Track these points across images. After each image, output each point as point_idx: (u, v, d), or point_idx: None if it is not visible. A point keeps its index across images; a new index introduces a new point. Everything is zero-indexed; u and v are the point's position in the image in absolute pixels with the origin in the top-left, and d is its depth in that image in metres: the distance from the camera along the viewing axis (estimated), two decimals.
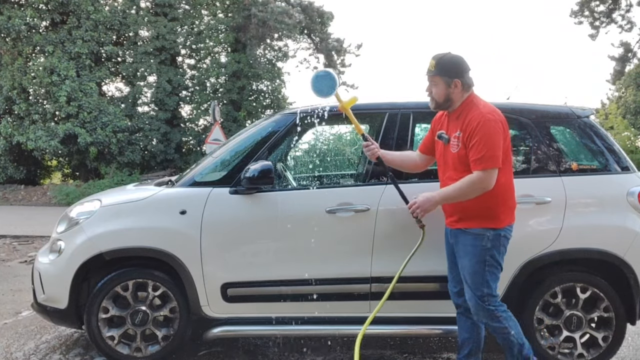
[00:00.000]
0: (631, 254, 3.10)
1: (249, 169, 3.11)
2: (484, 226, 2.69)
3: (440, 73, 2.72)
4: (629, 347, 3.73)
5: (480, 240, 2.69)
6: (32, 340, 3.86)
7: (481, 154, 2.58)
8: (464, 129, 2.66)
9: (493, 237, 2.69)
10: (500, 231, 2.70)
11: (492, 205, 2.70)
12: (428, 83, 2.80)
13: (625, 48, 22.68)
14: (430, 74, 2.75)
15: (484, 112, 2.63)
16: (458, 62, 2.74)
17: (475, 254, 2.70)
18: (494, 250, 2.70)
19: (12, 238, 8.76)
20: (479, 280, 2.71)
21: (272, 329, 3.29)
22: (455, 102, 2.75)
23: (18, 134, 15.46)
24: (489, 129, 2.59)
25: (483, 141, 2.58)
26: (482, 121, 2.60)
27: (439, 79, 2.73)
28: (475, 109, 2.67)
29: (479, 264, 2.70)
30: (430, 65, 2.75)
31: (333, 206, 3.16)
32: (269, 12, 17.00)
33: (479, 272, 2.70)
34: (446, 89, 2.72)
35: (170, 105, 17.12)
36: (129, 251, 3.24)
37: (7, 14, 15.07)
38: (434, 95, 2.78)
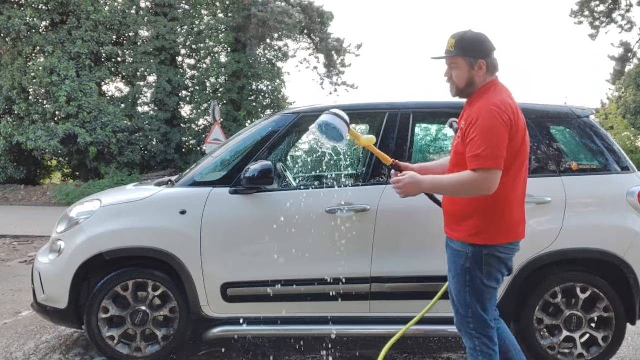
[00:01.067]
0: (631, 254, 3.10)
1: (249, 169, 3.11)
2: (466, 240, 2.33)
3: (462, 53, 2.31)
4: (629, 347, 3.73)
5: (459, 257, 2.36)
6: (32, 340, 3.86)
7: (478, 150, 2.17)
8: (467, 118, 2.30)
9: (473, 255, 2.31)
10: (485, 249, 2.29)
11: (479, 216, 2.30)
12: (447, 67, 2.41)
13: (625, 48, 22.68)
14: (450, 55, 2.34)
15: (491, 102, 2.23)
16: (482, 39, 2.33)
17: (457, 272, 2.39)
18: (476, 271, 2.32)
19: (12, 238, 8.76)
20: (462, 300, 2.40)
21: (272, 329, 3.28)
22: (477, 87, 2.35)
23: (18, 134, 15.46)
24: (490, 122, 2.18)
25: (482, 136, 2.17)
26: (485, 112, 2.20)
27: (461, 61, 2.32)
28: (486, 97, 2.28)
29: (460, 284, 2.38)
30: (448, 45, 2.35)
31: (333, 206, 3.16)
32: (269, 12, 17.01)
33: (461, 291, 2.39)
34: (469, 71, 2.32)
35: (170, 105, 17.13)
36: (129, 251, 3.24)
37: (7, 14, 15.07)
38: (455, 79, 2.36)
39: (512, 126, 2.21)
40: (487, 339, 2.39)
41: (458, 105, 3.46)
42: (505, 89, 2.35)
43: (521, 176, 2.34)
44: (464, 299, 2.37)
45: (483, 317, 2.38)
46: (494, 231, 2.29)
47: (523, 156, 2.31)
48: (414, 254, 3.16)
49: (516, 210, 2.35)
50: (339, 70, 21.84)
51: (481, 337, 2.38)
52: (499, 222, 2.30)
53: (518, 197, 2.36)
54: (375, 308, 3.21)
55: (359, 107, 3.67)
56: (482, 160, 2.16)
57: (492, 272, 2.33)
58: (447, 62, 2.39)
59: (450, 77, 2.39)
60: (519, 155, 2.28)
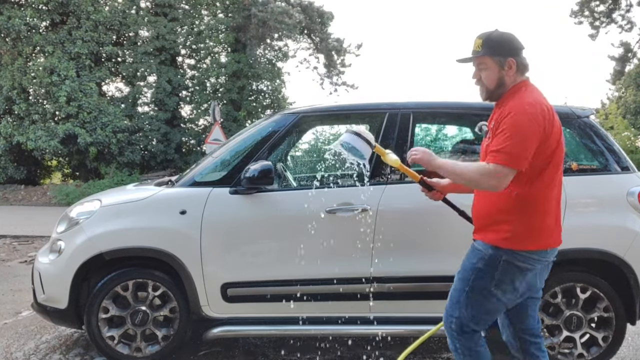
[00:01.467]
0: (631, 254, 3.10)
1: (249, 169, 3.10)
2: (488, 241, 2.20)
3: (489, 53, 2.21)
4: (629, 347, 3.73)
5: (475, 255, 2.23)
6: (32, 340, 3.86)
7: (500, 146, 2.07)
8: (497, 118, 2.18)
9: (490, 257, 2.17)
10: (506, 254, 2.15)
11: (511, 220, 2.16)
12: (474, 68, 2.30)
13: (625, 48, 22.69)
14: (478, 55, 2.24)
15: (525, 101, 2.12)
16: (510, 38, 2.24)
17: (464, 268, 2.26)
18: (486, 274, 2.17)
19: (12, 238, 8.76)
20: (455, 299, 2.26)
21: (272, 329, 3.29)
22: (507, 87, 2.23)
23: (18, 134, 15.46)
24: (522, 119, 2.07)
25: (508, 133, 2.06)
26: (518, 109, 2.09)
27: (490, 60, 2.22)
28: (518, 97, 2.17)
29: (462, 281, 2.25)
30: (475, 45, 2.26)
31: (333, 206, 3.16)
32: (269, 12, 17.01)
33: (458, 288, 2.25)
34: (499, 71, 2.22)
35: (170, 106, 17.13)
36: (129, 251, 3.24)
37: (7, 14, 15.08)
38: (485, 80, 2.25)
39: (545, 126, 2.10)
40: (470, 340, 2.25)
41: (458, 105, 3.48)
42: (536, 88, 2.25)
43: (556, 179, 2.21)
44: (458, 297, 2.24)
45: (468, 326, 2.23)
46: (520, 236, 2.15)
47: (558, 158, 2.19)
48: (414, 254, 3.16)
49: (550, 215, 2.20)
50: (339, 70, 21.84)
51: (461, 338, 2.25)
52: (529, 227, 2.15)
53: (552, 202, 2.22)
54: (375, 308, 3.21)
55: (359, 107, 3.67)
56: (501, 156, 2.06)
57: (503, 281, 2.16)
58: (475, 63, 2.28)
59: (479, 78, 2.28)
60: (553, 157, 2.16)
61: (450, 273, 2.44)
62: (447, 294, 2.35)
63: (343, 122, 5.64)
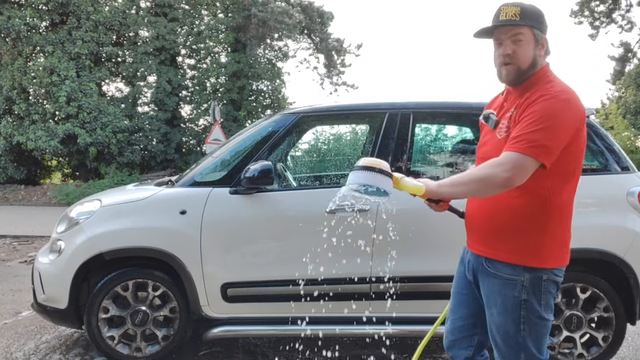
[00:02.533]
0: (631, 254, 3.10)
1: (249, 169, 3.10)
2: (519, 262, 1.82)
3: (529, 23, 1.81)
4: (629, 347, 3.73)
5: (511, 287, 1.83)
6: (32, 340, 3.86)
7: (523, 131, 1.72)
8: (522, 103, 1.82)
9: (530, 282, 1.82)
10: (543, 273, 1.82)
11: (538, 228, 1.81)
12: (500, 43, 1.87)
13: (625, 48, 22.69)
14: (514, 24, 1.81)
15: (557, 88, 1.78)
16: (543, 13, 1.87)
17: (506, 308, 1.86)
18: (534, 303, 1.83)
19: (12, 238, 8.76)
20: (512, 342, 1.87)
21: (272, 329, 3.29)
22: (536, 70, 1.86)
23: (18, 134, 15.46)
24: (553, 107, 1.72)
25: (535, 117, 1.72)
26: (548, 96, 1.75)
27: (529, 33, 1.83)
28: (547, 84, 1.82)
29: (510, 322, 1.86)
30: (511, 12, 1.82)
31: (333, 206, 3.15)
32: (269, 12, 17.01)
33: (511, 331, 1.86)
34: (534, 48, 1.84)
35: (170, 105, 17.12)
36: (129, 251, 3.24)
37: (7, 14, 15.08)
38: (519, 57, 1.83)
39: (582, 119, 1.78)
40: None
41: (458, 105, 3.48)
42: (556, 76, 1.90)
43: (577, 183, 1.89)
44: (516, 340, 1.86)
45: (542, 356, 1.89)
46: (555, 249, 1.84)
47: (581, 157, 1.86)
48: (414, 254, 3.17)
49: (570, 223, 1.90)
50: (339, 70, 21.83)
51: None
52: (561, 238, 1.85)
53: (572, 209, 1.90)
54: (375, 308, 3.21)
55: (359, 107, 3.67)
56: (523, 143, 1.70)
57: (549, 302, 1.87)
58: (507, 36, 1.84)
59: (509, 54, 1.84)
60: (582, 155, 1.85)
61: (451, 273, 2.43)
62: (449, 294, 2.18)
63: (343, 122, 5.66)
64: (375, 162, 1.87)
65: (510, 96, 1.94)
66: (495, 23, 1.86)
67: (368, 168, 1.86)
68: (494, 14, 1.89)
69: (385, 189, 1.85)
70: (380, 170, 1.85)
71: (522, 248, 1.82)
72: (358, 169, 1.88)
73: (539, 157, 1.70)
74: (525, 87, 1.87)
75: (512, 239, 1.84)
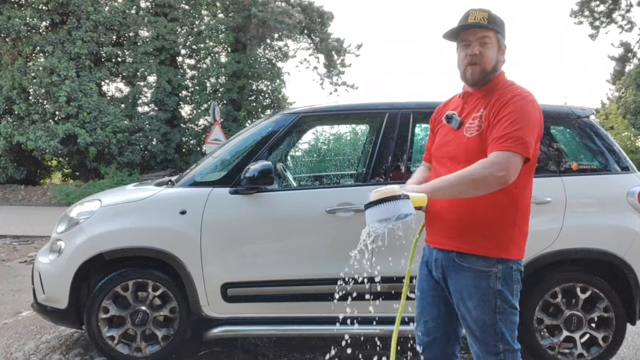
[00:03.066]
0: (631, 254, 3.10)
1: (249, 169, 3.10)
2: (494, 255, 1.90)
3: (495, 28, 1.94)
4: (629, 347, 3.73)
5: (485, 279, 1.91)
6: (32, 340, 3.86)
7: (507, 130, 1.81)
8: (492, 104, 1.91)
9: (502, 273, 1.91)
10: (513, 264, 1.93)
11: (510, 222, 1.92)
12: (467, 45, 1.97)
13: (625, 48, 22.70)
14: (483, 27, 1.93)
15: (524, 91, 1.92)
16: (505, 23, 2.01)
17: (482, 299, 1.92)
18: (506, 292, 1.92)
19: (12, 238, 8.76)
20: (490, 334, 1.93)
21: (272, 329, 3.28)
22: (497, 74, 1.99)
23: (18, 134, 15.47)
24: (526, 106, 1.86)
25: (513, 117, 1.82)
26: (519, 97, 1.88)
27: (494, 37, 1.95)
28: (511, 86, 1.96)
29: (488, 314, 1.92)
30: (479, 16, 1.94)
31: (333, 206, 3.16)
32: (269, 12, 17.01)
33: (490, 323, 1.92)
34: (497, 53, 1.97)
35: (170, 105, 17.14)
36: (129, 251, 3.24)
37: (7, 14, 15.09)
38: (485, 58, 1.94)
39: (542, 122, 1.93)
40: None
41: None
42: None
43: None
44: (494, 330, 1.92)
45: (515, 346, 1.96)
46: (521, 242, 1.97)
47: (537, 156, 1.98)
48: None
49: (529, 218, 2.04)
50: (339, 70, 21.83)
51: None
52: (525, 231, 1.99)
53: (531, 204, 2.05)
54: (375, 308, 3.21)
55: (359, 107, 3.67)
56: (510, 141, 1.79)
57: (518, 292, 1.97)
58: (474, 37, 1.94)
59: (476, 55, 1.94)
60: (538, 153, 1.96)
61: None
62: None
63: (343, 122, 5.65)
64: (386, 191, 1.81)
65: (472, 98, 2.03)
66: (465, 27, 1.96)
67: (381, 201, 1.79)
68: (462, 17, 1.99)
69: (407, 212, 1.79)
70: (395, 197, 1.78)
71: (497, 241, 1.91)
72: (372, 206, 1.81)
73: (526, 153, 1.80)
74: (488, 90, 1.98)
75: (487, 233, 1.91)
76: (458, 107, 2.07)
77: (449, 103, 2.17)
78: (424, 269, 2.16)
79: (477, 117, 1.94)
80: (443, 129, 2.09)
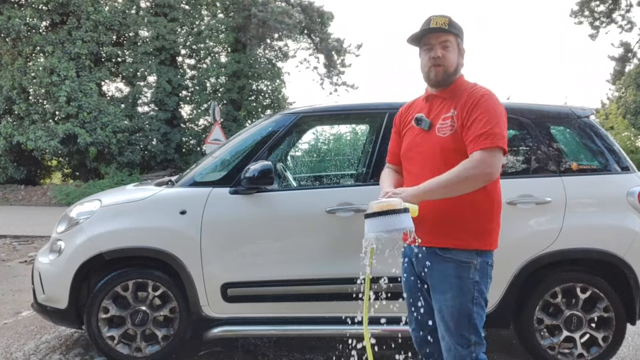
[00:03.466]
0: (631, 254, 3.10)
1: (249, 169, 3.10)
2: (472, 247, 2.00)
3: (456, 32, 2.06)
4: (629, 347, 3.73)
5: (466, 270, 1.99)
6: (32, 340, 3.86)
7: (485, 128, 1.92)
8: (462, 104, 2.02)
9: (480, 265, 2.01)
10: (488, 256, 2.05)
11: (488, 215, 2.03)
12: (430, 48, 2.08)
13: (625, 48, 22.71)
14: (444, 31, 2.04)
15: (488, 90, 2.06)
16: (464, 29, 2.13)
17: (462, 289, 1.99)
18: (482, 284, 2.02)
19: (12, 238, 8.76)
20: (465, 324, 2.00)
21: (272, 329, 3.28)
22: (457, 76, 2.11)
23: (18, 134, 15.48)
24: (495, 104, 1.99)
25: (487, 115, 1.94)
26: (487, 95, 2.01)
27: (454, 41, 2.07)
28: (475, 87, 2.08)
29: (465, 304, 1.99)
30: (440, 22, 2.05)
31: (333, 206, 3.16)
32: (269, 12, 17.01)
33: (466, 314, 2.00)
34: (458, 56, 2.09)
35: (170, 105, 17.14)
36: (129, 251, 3.24)
37: (7, 14, 15.09)
38: (447, 60, 2.05)
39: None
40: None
41: None
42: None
43: None
44: (469, 322, 2.00)
45: (483, 341, 2.05)
46: (495, 234, 2.06)
47: None
48: None
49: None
50: (339, 70, 21.84)
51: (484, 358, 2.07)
52: (499, 223, 2.08)
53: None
54: (375, 308, 3.20)
55: (359, 107, 3.67)
56: (492, 138, 1.90)
57: (489, 285, 2.07)
58: (437, 41, 2.05)
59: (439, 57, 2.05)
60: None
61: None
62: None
63: (343, 122, 5.65)
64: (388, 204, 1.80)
65: (437, 100, 2.13)
66: (427, 31, 2.07)
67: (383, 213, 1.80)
68: (424, 22, 2.11)
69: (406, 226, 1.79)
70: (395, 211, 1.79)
71: (477, 234, 2.01)
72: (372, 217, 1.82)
73: (505, 146, 1.94)
74: (452, 91, 2.09)
75: (468, 227, 1.99)
76: (424, 109, 2.16)
77: (413, 106, 2.27)
78: (407, 266, 2.24)
79: (449, 118, 2.04)
80: (412, 130, 2.18)
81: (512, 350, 3.61)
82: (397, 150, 2.30)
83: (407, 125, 2.22)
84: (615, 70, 23.18)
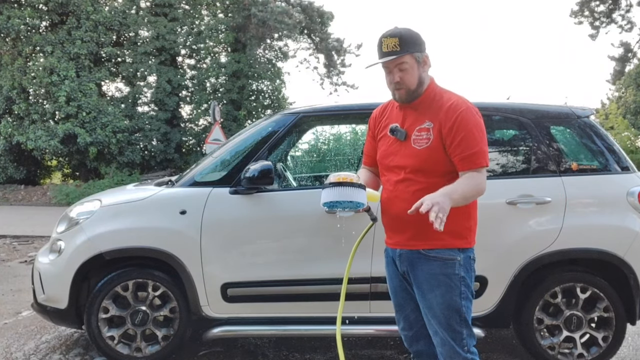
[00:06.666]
0: (631, 254, 3.10)
1: (249, 169, 3.10)
2: (454, 246, 2.09)
3: (410, 50, 2.05)
4: (629, 347, 3.73)
5: (451, 266, 2.08)
6: (32, 340, 3.86)
7: (475, 149, 2.02)
8: (440, 118, 2.06)
9: (464, 260, 2.10)
10: (470, 252, 2.14)
11: (466, 215, 2.12)
12: (389, 72, 2.11)
13: (625, 48, 22.70)
14: (398, 56, 2.05)
15: (462, 100, 2.10)
16: (418, 34, 2.12)
17: (449, 286, 2.07)
18: (467, 278, 2.11)
19: (12, 238, 8.76)
20: (455, 319, 2.08)
21: (272, 329, 3.29)
22: (425, 85, 2.13)
23: (18, 134, 15.46)
24: (475, 119, 2.05)
25: (473, 134, 2.02)
26: (464, 109, 2.05)
27: (410, 58, 2.07)
28: (449, 95, 2.12)
29: (454, 299, 2.08)
30: (390, 45, 2.05)
31: None
32: (269, 12, 17.00)
33: (455, 309, 2.08)
34: (418, 68, 2.10)
35: (170, 105, 17.12)
36: (129, 251, 3.24)
37: (6, 14, 15.08)
38: (406, 82, 2.08)
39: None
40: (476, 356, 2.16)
41: None
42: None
43: None
44: (460, 317, 2.09)
45: (474, 334, 2.16)
46: (474, 232, 2.17)
47: None
48: None
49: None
50: (339, 70, 21.83)
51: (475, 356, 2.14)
52: (476, 222, 2.18)
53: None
54: (375, 308, 3.21)
55: (359, 107, 3.66)
56: (481, 157, 2.03)
57: (473, 278, 2.16)
58: (393, 65, 2.09)
59: (398, 81, 2.09)
60: None
61: None
62: None
63: (343, 122, 5.65)
64: (346, 176, 1.99)
65: (410, 110, 2.16)
66: (380, 56, 2.10)
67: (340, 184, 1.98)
68: (377, 45, 2.11)
69: (360, 201, 1.98)
70: (351, 184, 1.97)
71: (458, 233, 2.10)
72: (330, 186, 1.99)
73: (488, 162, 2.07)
74: (423, 102, 2.13)
75: (449, 228, 2.00)
76: (399, 119, 2.19)
77: (387, 110, 2.30)
78: (390, 267, 2.31)
79: (424, 130, 2.09)
80: (387, 139, 2.22)
81: (512, 350, 3.61)
82: (372, 152, 2.36)
83: (382, 131, 2.26)
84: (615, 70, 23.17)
